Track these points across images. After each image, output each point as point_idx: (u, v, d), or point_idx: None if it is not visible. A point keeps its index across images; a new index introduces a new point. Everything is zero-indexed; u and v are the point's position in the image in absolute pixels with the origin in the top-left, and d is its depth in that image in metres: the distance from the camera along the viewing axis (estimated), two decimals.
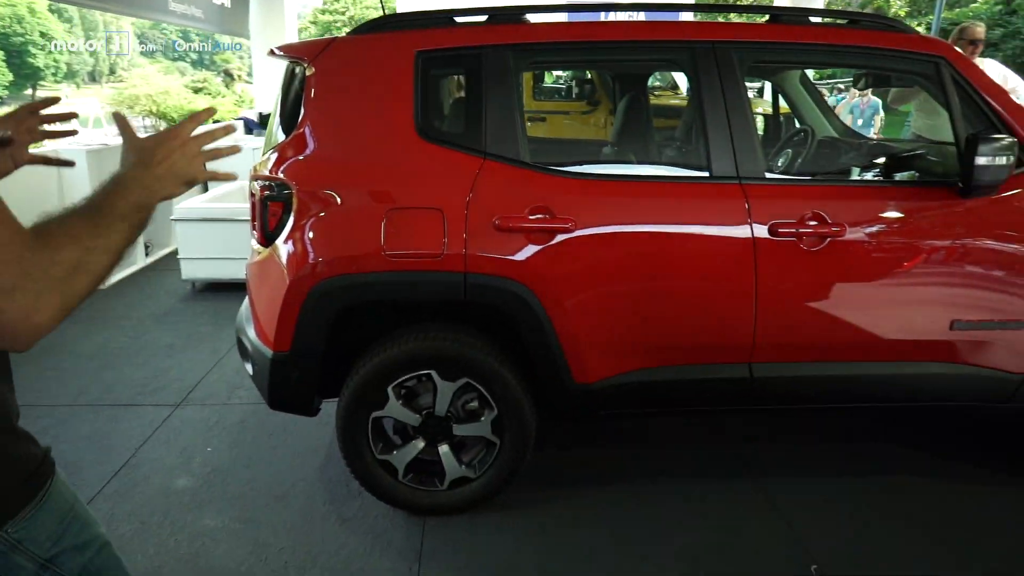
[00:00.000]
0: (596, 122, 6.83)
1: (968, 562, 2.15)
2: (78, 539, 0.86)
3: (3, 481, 0.78)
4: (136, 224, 0.83)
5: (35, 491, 0.82)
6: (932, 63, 2.30)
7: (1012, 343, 2.32)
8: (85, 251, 0.74)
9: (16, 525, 0.79)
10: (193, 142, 0.91)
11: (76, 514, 0.88)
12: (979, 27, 4.41)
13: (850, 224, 2.21)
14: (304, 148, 2.21)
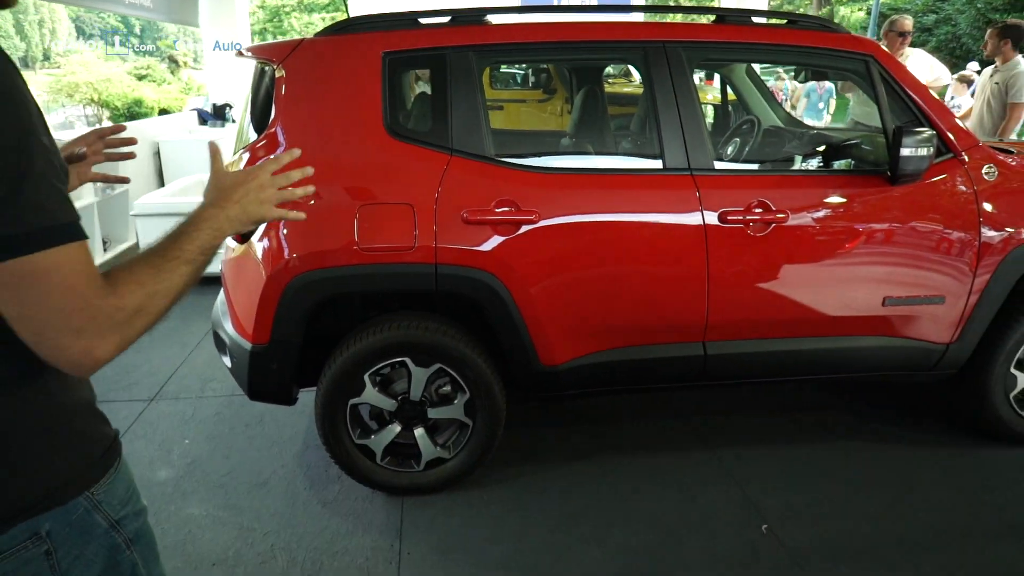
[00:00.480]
0: (553, 110, 6.95)
1: (904, 514, 2.38)
2: (136, 506, 0.99)
3: (92, 451, 0.92)
4: (199, 267, 0.91)
5: (113, 461, 0.95)
6: (862, 61, 2.49)
7: (936, 316, 2.55)
8: (148, 296, 0.82)
9: (99, 489, 0.91)
10: (270, 184, 0.98)
11: (135, 486, 1.01)
12: (907, 20, 4.68)
13: (792, 211, 2.40)
14: (276, 147, 2.28)
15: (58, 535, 0.87)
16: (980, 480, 2.57)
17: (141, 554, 0.99)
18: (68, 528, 0.88)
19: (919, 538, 2.26)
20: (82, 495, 0.89)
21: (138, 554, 0.99)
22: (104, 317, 0.78)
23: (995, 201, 2.48)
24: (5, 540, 0.82)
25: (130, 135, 1.23)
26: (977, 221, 2.46)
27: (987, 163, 2.51)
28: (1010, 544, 2.23)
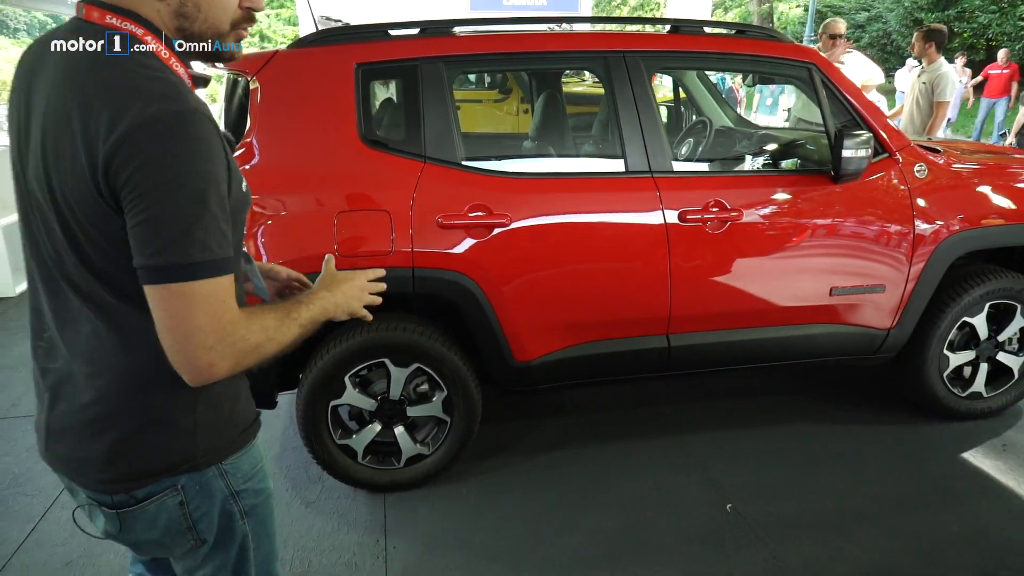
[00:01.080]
0: (509, 110, 7.07)
1: (853, 487, 2.58)
2: (258, 486, 1.17)
3: (233, 431, 1.12)
4: (304, 332, 1.07)
5: (248, 440, 1.15)
6: (805, 68, 2.68)
7: (878, 304, 2.76)
8: (266, 339, 0.99)
9: (230, 461, 1.11)
10: (365, 288, 1.24)
11: (262, 468, 1.18)
12: (839, 23, 4.95)
13: (746, 209, 2.57)
14: (253, 158, 2.33)
15: (190, 491, 1.08)
16: (919, 453, 2.80)
17: (253, 527, 1.17)
18: (198, 488, 1.08)
19: (868, 508, 2.46)
20: (214, 465, 1.09)
21: (250, 526, 1.16)
22: (231, 342, 0.94)
23: (926, 196, 2.70)
24: (152, 488, 1.05)
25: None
26: (911, 215, 2.68)
27: (918, 162, 2.73)
28: (945, 509, 2.45)
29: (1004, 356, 2.96)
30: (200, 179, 0.90)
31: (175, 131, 0.88)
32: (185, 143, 0.89)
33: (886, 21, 19.91)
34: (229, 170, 0.97)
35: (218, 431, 1.09)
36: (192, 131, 0.90)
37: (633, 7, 26.01)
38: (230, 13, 1.02)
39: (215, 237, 0.92)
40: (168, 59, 0.99)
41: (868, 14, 21.00)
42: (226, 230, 0.94)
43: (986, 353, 2.95)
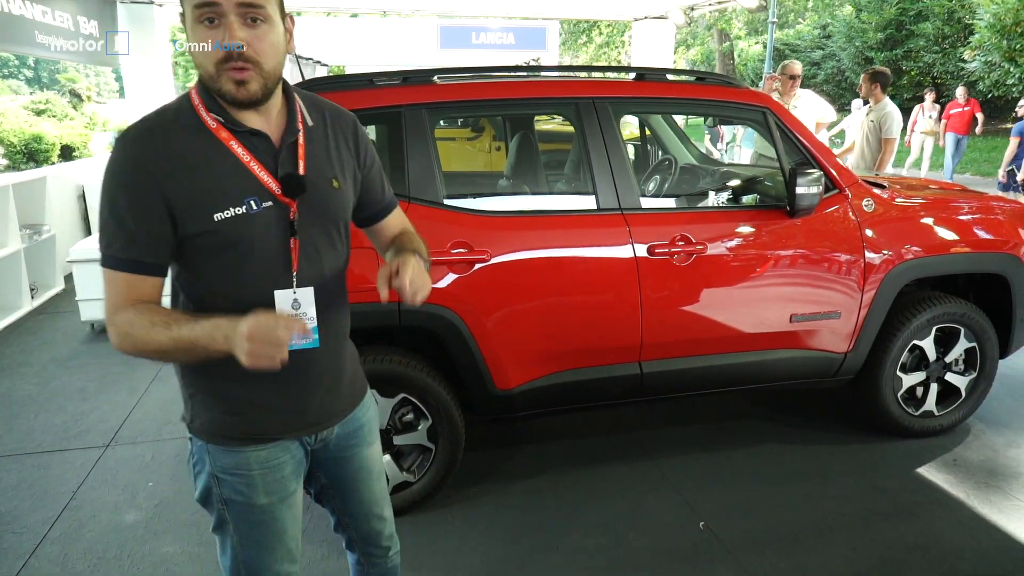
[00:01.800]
0: (482, 147, 7.28)
1: (817, 503, 2.73)
2: (239, 486, 1.34)
3: (219, 424, 1.32)
4: (183, 347, 1.15)
5: (229, 443, 1.33)
6: (760, 111, 2.90)
7: (834, 329, 2.95)
8: (131, 333, 1.17)
9: (214, 446, 1.32)
10: (265, 339, 1.07)
11: (249, 477, 1.34)
12: (796, 65, 5.29)
13: (710, 242, 2.75)
14: None
15: (194, 447, 1.36)
16: (878, 469, 2.97)
17: (234, 521, 1.35)
18: (196, 448, 1.35)
19: (831, 522, 2.62)
20: (204, 440, 1.33)
21: (231, 517, 1.35)
22: (111, 322, 1.18)
23: (874, 228, 2.92)
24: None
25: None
26: (861, 246, 2.89)
27: (865, 196, 2.95)
28: (902, 521, 2.61)
29: (952, 376, 3.17)
30: (104, 193, 1.17)
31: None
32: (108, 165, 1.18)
33: (839, 59, 20.87)
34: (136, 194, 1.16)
35: (207, 417, 1.31)
36: (112, 155, 1.17)
37: (599, 44, 26.79)
38: (209, 57, 1.13)
39: (109, 237, 1.17)
40: (197, 105, 1.21)
41: (823, 52, 21.98)
42: (122, 234, 1.15)
43: (935, 374, 3.15)
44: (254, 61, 1.14)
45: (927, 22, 18.22)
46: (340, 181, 1.32)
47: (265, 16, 1.14)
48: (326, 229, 1.30)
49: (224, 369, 1.19)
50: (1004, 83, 14.68)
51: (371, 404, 1.56)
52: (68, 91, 30.53)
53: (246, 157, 1.20)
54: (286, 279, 1.25)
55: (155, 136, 1.16)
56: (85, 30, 7.13)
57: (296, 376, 1.31)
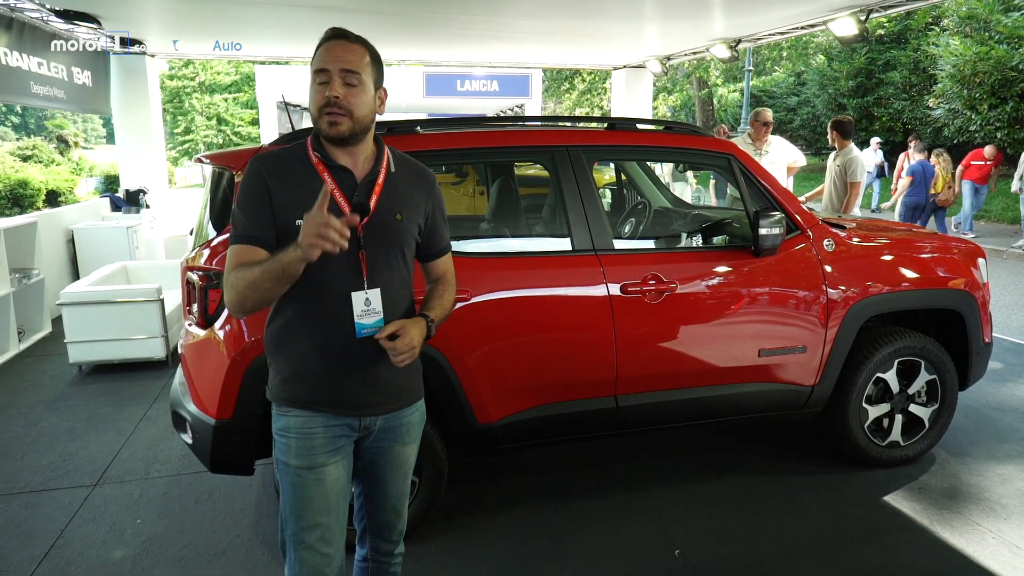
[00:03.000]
0: (466, 192, 7.48)
1: (788, 530, 2.83)
2: (281, 444, 1.70)
3: (275, 389, 1.70)
4: (280, 269, 1.48)
5: (279, 404, 1.71)
6: (725, 158, 3.09)
7: (801, 363, 3.09)
8: (240, 278, 1.54)
9: (274, 407, 1.72)
10: (323, 225, 1.39)
11: (289, 441, 1.67)
12: (768, 112, 5.57)
13: (680, 281, 2.90)
14: None
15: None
16: (846, 497, 3.08)
17: (280, 474, 1.70)
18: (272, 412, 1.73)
19: (801, 548, 2.71)
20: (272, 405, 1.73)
21: (279, 469, 1.70)
22: (225, 283, 1.58)
23: (835, 267, 3.09)
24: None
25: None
26: (823, 284, 3.06)
27: (826, 237, 3.13)
28: (870, 547, 2.71)
29: (915, 408, 3.31)
30: (237, 197, 1.64)
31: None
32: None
33: (814, 105, 21.56)
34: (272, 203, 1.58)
35: (272, 383, 1.71)
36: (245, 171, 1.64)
37: (581, 91, 27.52)
38: (316, 104, 1.57)
39: (237, 224, 1.60)
40: (308, 145, 1.64)
41: (798, 98, 22.71)
42: (246, 221, 1.58)
43: (899, 405, 3.29)
44: (347, 109, 1.55)
45: (895, 71, 18.95)
46: (404, 216, 1.67)
47: (359, 81, 1.57)
48: (386, 250, 1.65)
49: (282, 340, 1.66)
50: (967, 129, 15.25)
51: (419, 411, 1.82)
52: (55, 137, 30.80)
53: (331, 184, 1.58)
54: (359, 282, 1.61)
55: (273, 159, 1.64)
56: (79, 80, 7.32)
57: (340, 360, 1.63)
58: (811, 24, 6.84)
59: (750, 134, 5.64)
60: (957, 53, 14.50)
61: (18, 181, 16.40)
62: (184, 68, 33.87)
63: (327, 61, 1.55)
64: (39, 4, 5.78)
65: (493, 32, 7.52)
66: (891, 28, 19.20)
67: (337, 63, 1.54)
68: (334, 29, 1.60)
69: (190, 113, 35.02)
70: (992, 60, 13.82)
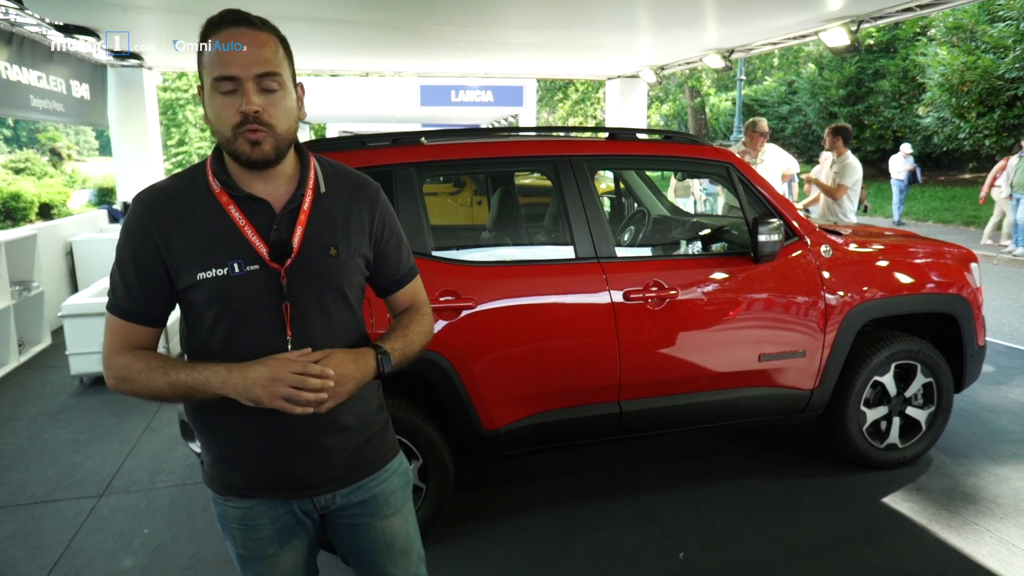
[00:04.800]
0: (464, 201, 7.54)
1: (790, 532, 2.87)
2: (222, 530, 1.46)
3: (207, 471, 1.42)
4: (181, 392, 1.23)
5: (213, 489, 1.42)
6: (723, 167, 3.16)
7: (800, 367, 3.14)
8: (130, 378, 1.25)
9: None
10: (286, 380, 1.18)
11: (223, 525, 1.43)
12: (764, 122, 5.65)
13: (681, 288, 2.96)
14: None
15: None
16: (846, 499, 3.12)
17: (234, 558, 1.45)
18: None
19: (803, 550, 2.75)
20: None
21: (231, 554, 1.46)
22: (107, 365, 1.27)
23: (832, 272, 3.14)
24: None
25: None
26: (821, 289, 3.11)
27: (823, 243, 3.19)
28: (870, 547, 2.75)
29: (912, 410, 3.36)
30: (117, 247, 1.30)
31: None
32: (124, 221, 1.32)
33: (805, 114, 21.79)
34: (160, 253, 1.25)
35: (206, 464, 1.40)
36: (127, 213, 1.31)
37: (575, 101, 27.69)
38: (227, 122, 1.20)
39: (115, 288, 1.28)
40: (208, 171, 1.30)
41: (789, 107, 22.95)
42: (122, 285, 1.27)
43: (897, 408, 3.35)
44: (268, 125, 1.21)
45: (884, 80, 19.21)
46: (341, 249, 1.32)
47: (279, 83, 1.22)
48: (320, 295, 1.30)
49: (201, 416, 1.33)
50: (956, 137, 15.45)
51: (393, 475, 1.47)
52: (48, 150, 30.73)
53: (241, 221, 1.26)
54: (281, 342, 1.27)
55: (161, 197, 1.27)
56: (77, 93, 7.36)
57: (273, 436, 1.31)
58: (803, 35, 6.94)
59: (745, 143, 5.72)
60: (945, 62, 14.73)
61: (10, 194, 16.37)
62: (178, 80, 33.88)
63: (234, 64, 1.18)
64: (39, 19, 5.82)
65: (488, 44, 7.60)
66: (880, 38, 19.45)
67: (249, 67, 1.18)
68: (230, 12, 1.22)
69: (184, 125, 35.02)
70: (979, 69, 14.04)
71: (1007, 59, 13.40)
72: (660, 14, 6.28)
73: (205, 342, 1.28)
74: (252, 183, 1.28)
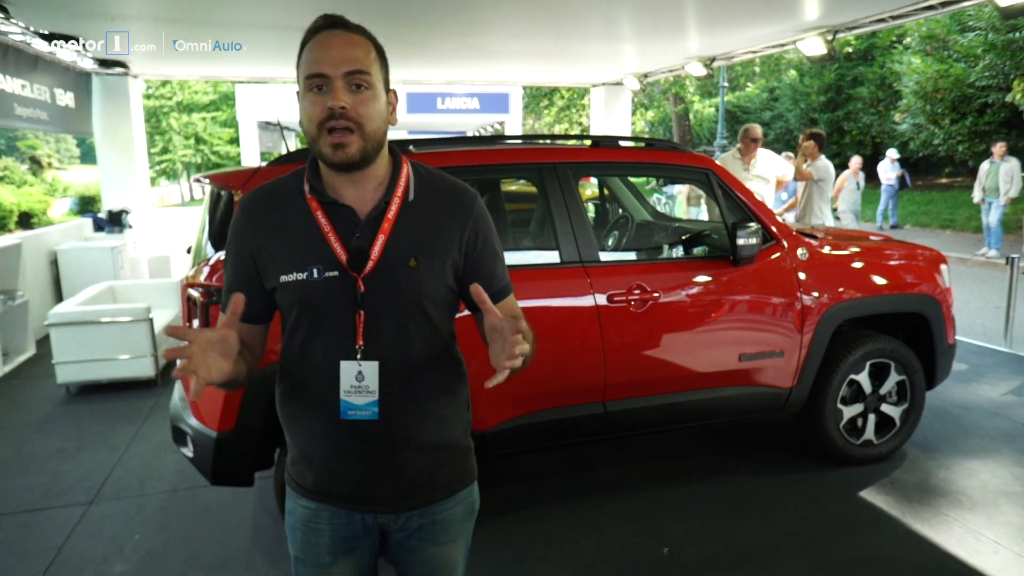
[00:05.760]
0: None
1: (770, 526, 2.96)
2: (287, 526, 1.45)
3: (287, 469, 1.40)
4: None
5: (290, 485, 1.41)
6: (703, 173, 3.25)
7: (779, 367, 3.24)
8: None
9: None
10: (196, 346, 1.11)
11: (291, 525, 1.42)
12: (756, 128, 5.73)
13: (664, 291, 3.04)
14: None
15: None
16: (823, 494, 3.22)
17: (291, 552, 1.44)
18: None
19: (782, 543, 2.84)
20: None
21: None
22: None
23: (809, 274, 3.24)
24: None
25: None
26: (798, 291, 3.21)
27: (800, 246, 3.29)
28: (848, 540, 2.85)
29: (887, 407, 3.47)
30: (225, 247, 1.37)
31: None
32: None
33: (787, 120, 22.10)
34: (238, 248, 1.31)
35: (288, 459, 1.40)
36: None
37: (560, 107, 27.86)
38: (313, 119, 1.19)
39: (224, 290, 1.35)
40: (304, 175, 1.30)
41: (771, 113, 23.25)
42: (228, 289, 1.32)
43: (872, 405, 3.45)
44: (356, 122, 1.18)
45: (863, 87, 19.54)
46: (422, 261, 1.27)
47: (369, 84, 1.21)
48: (396, 307, 1.27)
49: (285, 411, 1.35)
50: (931, 143, 15.78)
51: (464, 503, 1.42)
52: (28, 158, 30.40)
53: (327, 227, 1.26)
54: (350, 350, 1.26)
55: (261, 199, 1.32)
56: (62, 101, 7.34)
57: (345, 445, 1.30)
58: (781, 44, 7.10)
59: (740, 149, 5.77)
60: (919, 71, 15.05)
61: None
62: (161, 87, 33.70)
63: (324, 62, 1.19)
64: (24, 27, 5.82)
65: (474, 52, 7.69)
66: (858, 46, 19.80)
67: (339, 65, 1.18)
68: (326, 17, 1.24)
69: (168, 132, 34.83)
70: (951, 77, 14.36)
71: (977, 68, 13.72)
72: (643, 24, 6.40)
73: (287, 343, 1.30)
74: (341, 187, 1.27)
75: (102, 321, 4.80)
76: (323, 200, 1.27)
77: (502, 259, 1.42)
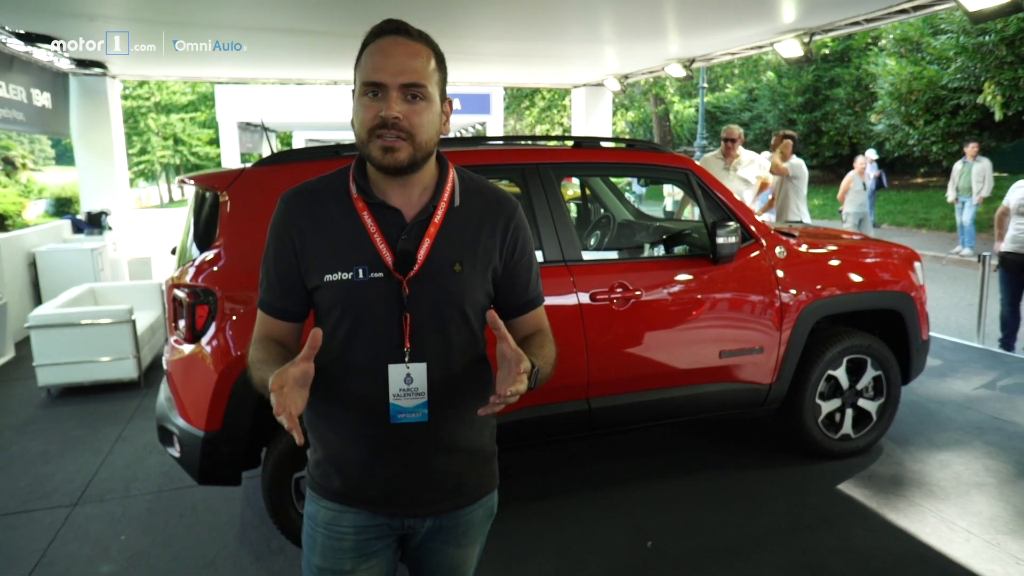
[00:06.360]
0: None
1: (751, 520, 3.02)
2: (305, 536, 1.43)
3: (310, 473, 1.39)
4: (258, 385, 1.24)
5: (311, 488, 1.39)
6: (683, 173, 3.31)
7: (758, 363, 3.31)
8: (249, 364, 1.32)
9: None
10: (285, 389, 1.08)
11: (308, 533, 1.41)
12: (733, 128, 5.82)
13: (645, 289, 3.09)
14: (222, 260, 2.67)
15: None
16: (803, 487, 3.29)
17: (303, 562, 1.43)
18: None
19: (764, 535, 2.91)
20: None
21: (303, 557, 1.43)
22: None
23: (787, 272, 3.32)
24: None
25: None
26: (776, 289, 3.28)
27: (778, 244, 3.37)
28: (827, 531, 2.92)
29: (864, 402, 3.55)
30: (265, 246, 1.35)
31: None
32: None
33: (766, 120, 22.36)
34: (296, 254, 1.29)
35: (310, 461, 1.39)
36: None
37: (541, 108, 27.95)
38: (365, 124, 1.20)
39: (261, 282, 1.35)
40: (349, 175, 1.31)
41: (751, 114, 23.52)
42: (266, 285, 1.34)
43: (849, 400, 3.53)
44: (408, 132, 1.19)
45: (840, 88, 19.84)
46: (466, 266, 1.29)
47: (425, 95, 1.21)
48: (439, 310, 1.28)
49: (316, 412, 1.32)
50: (906, 143, 16.06)
51: (485, 507, 1.45)
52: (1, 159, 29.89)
53: (372, 228, 1.26)
54: (398, 354, 1.26)
55: (303, 197, 1.31)
56: (38, 102, 7.26)
57: (381, 448, 1.30)
58: (759, 46, 7.20)
59: (722, 150, 5.84)
60: (894, 72, 15.30)
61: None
62: (139, 88, 33.31)
63: (383, 71, 1.19)
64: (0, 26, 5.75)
65: (456, 53, 7.71)
66: (835, 47, 20.08)
67: (397, 75, 1.18)
68: (390, 21, 1.23)
69: (146, 133, 34.43)
70: (925, 79, 14.63)
71: (950, 70, 13.99)
72: (623, 26, 6.47)
73: (328, 344, 1.26)
74: (388, 189, 1.28)
75: (84, 323, 4.76)
76: (370, 201, 1.28)
77: (537, 269, 1.44)
